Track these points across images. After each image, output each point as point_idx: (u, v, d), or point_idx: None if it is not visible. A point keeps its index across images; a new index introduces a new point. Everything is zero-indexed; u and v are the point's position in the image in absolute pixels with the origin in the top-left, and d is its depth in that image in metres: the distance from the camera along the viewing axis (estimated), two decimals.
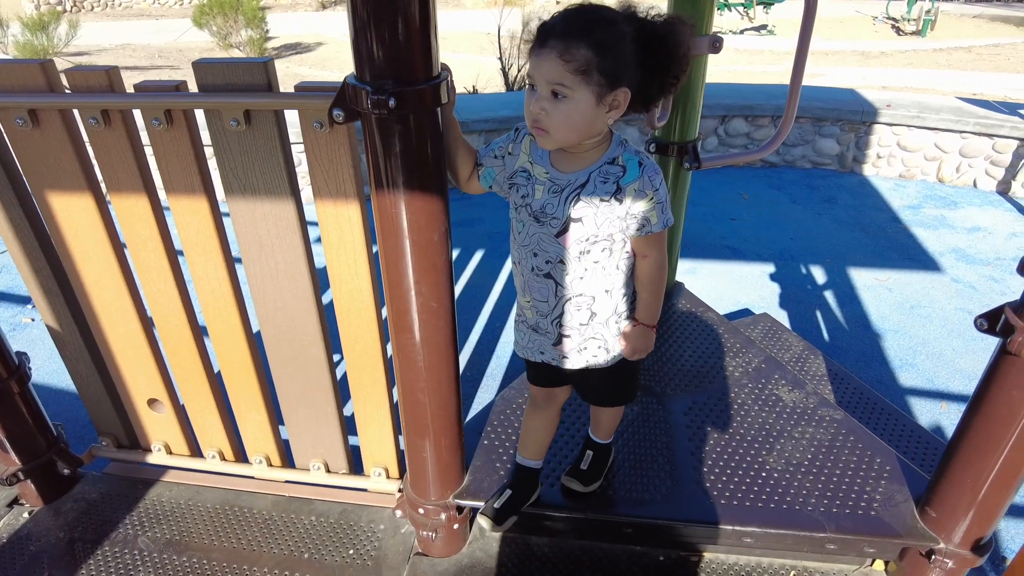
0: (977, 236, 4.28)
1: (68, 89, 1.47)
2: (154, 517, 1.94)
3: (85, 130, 1.51)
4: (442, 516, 1.72)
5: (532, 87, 1.21)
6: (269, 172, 1.48)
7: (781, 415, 2.00)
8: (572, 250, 1.32)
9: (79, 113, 1.49)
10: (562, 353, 1.46)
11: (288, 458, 2.02)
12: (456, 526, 1.76)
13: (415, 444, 1.63)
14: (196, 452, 2.07)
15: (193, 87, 1.44)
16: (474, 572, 1.76)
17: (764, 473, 1.80)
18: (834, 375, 2.63)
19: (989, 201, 4.76)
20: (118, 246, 1.69)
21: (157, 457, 2.05)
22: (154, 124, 1.44)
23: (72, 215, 1.63)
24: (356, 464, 1.97)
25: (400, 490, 1.88)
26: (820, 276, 3.83)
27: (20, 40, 8.65)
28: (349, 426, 1.89)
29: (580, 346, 1.44)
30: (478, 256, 4.08)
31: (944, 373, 3.00)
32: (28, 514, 1.96)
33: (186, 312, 1.76)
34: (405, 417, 1.60)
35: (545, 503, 1.74)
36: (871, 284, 3.74)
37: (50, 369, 2.97)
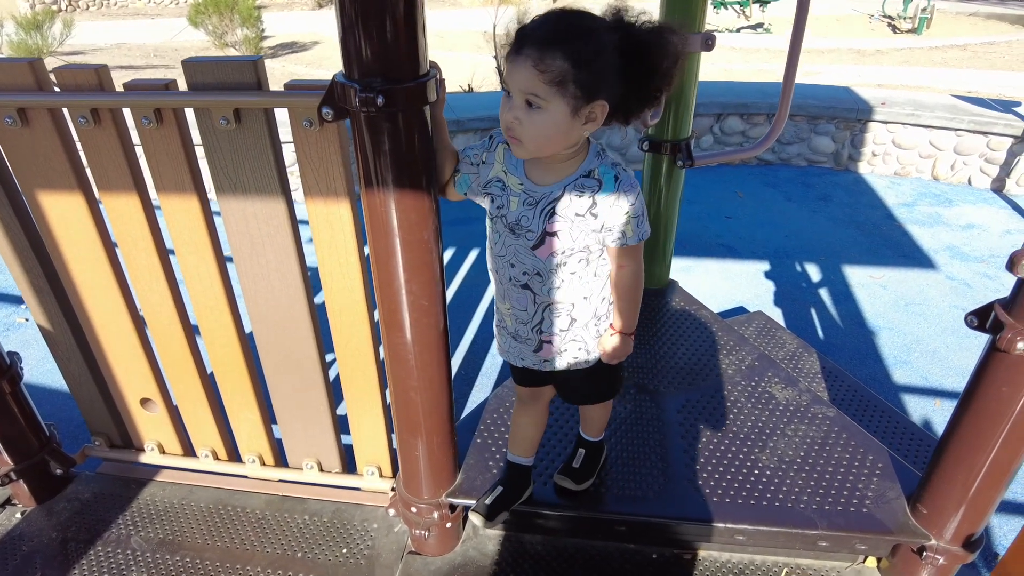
0: (971, 233, 4.29)
1: (57, 88, 1.47)
2: (147, 517, 1.94)
3: (75, 129, 1.50)
4: (435, 515, 1.72)
5: (508, 93, 1.18)
6: (259, 171, 1.48)
7: (774, 413, 2.00)
8: (548, 262, 1.30)
9: (68, 112, 1.49)
10: (543, 358, 1.46)
11: (281, 457, 2.02)
12: (449, 524, 1.76)
13: (407, 443, 1.63)
14: (189, 451, 2.06)
15: (184, 86, 1.44)
16: (467, 570, 1.76)
17: (757, 471, 1.80)
18: (828, 373, 2.64)
19: (983, 199, 4.77)
20: (109, 245, 1.69)
21: (150, 457, 2.05)
22: (144, 123, 1.44)
23: (63, 214, 1.62)
24: (349, 463, 1.97)
25: (393, 489, 1.88)
26: (815, 274, 3.84)
27: (14, 39, 8.62)
28: (342, 425, 1.89)
29: (560, 349, 1.43)
30: (472, 255, 4.08)
31: (938, 370, 3.01)
32: (21, 514, 1.95)
33: (178, 311, 1.76)
34: (397, 416, 1.60)
35: (538, 501, 1.74)
36: (866, 282, 3.75)
37: (43, 369, 2.96)
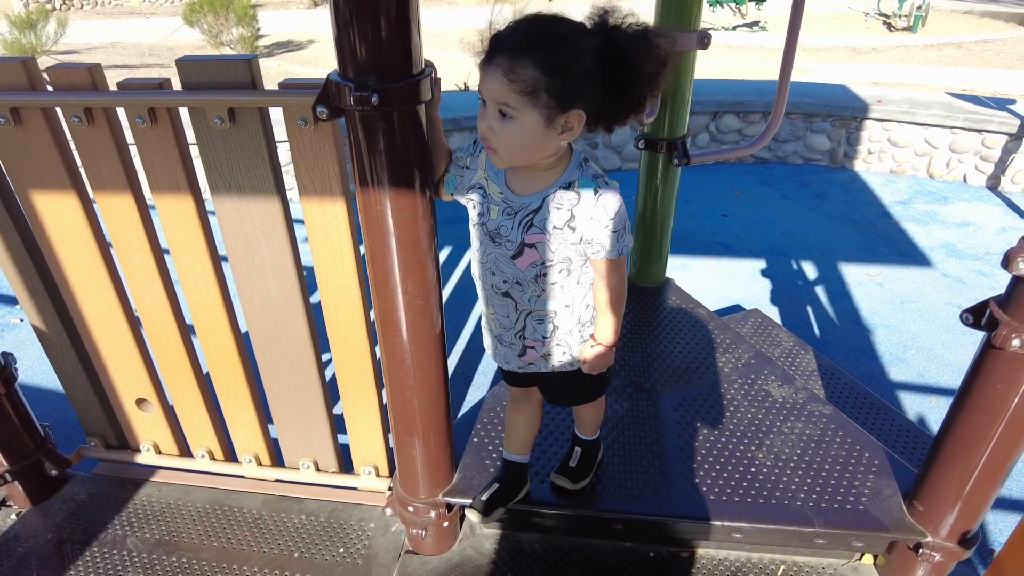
0: (967, 231, 4.30)
1: (50, 87, 1.46)
2: (143, 517, 1.93)
3: (68, 129, 1.50)
4: (432, 514, 1.72)
5: (484, 102, 1.15)
6: (254, 170, 1.47)
7: (771, 411, 2.01)
8: (528, 272, 1.29)
9: (62, 111, 1.48)
10: (528, 362, 1.45)
11: (278, 457, 2.01)
12: (446, 524, 1.76)
13: (404, 442, 1.62)
14: (185, 452, 2.06)
15: (178, 85, 1.43)
16: (464, 570, 1.76)
17: (753, 468, 1.80)
18: (824, 370, 2.64)
19: (979, 196, 4.78)
20: (104, 245, 1.68)
21: (146, 457, 2.04)
22: (138, 122, 1.43)
23: (57, 214, 1.61)
24: (346, 463, 1.97)
25: (390, 488, 1.88)
26: (811, 272, 3.84)
27: (7, 38, 8.58)
28: (338, 425, 1.89)
29: (544, 354, 1.43)
30: (469, 254, 4.07)
31: (934, 368, 3.01)
32: (16, 516, 1.94)
33: (173, 311, 1.75)
34: (394, 415, 1.59)
35: (535, 500, 1.74)
36: (862, 279, 3.75)
37: (38, 370, 2.95)
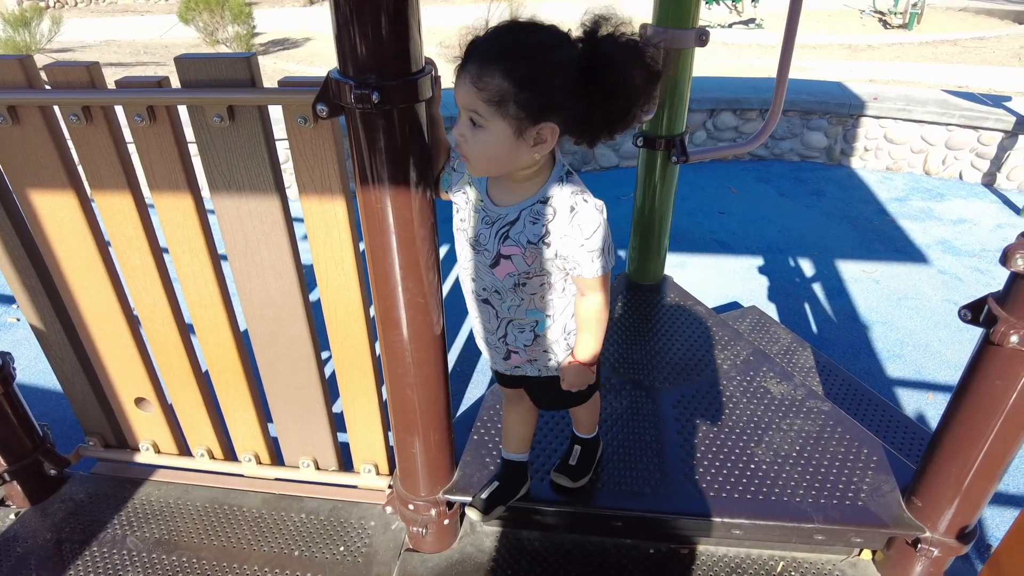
0: (963, 228, 4.32)
1: (48, 85, 1.46)
2: (143, 517, 1.93)
3: (66, 127, 1.49)
4: (432, 512, 1.72)
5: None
6: (254, 168, 1.47)
7: (769, 407, 2.01)
8: (506, 282, 1.27)
9: (60, 110, 1.47)
10: (513, 365, 1.44)
11: (277, 456, 2.01)
12: (446, 522, 1.76)
13: (404, 440, 1.63)
14: (184, 451, 2.06)
15: (176, 83, 1.43)
16: (465, 567, 1.76)
17: (753, 465, 1.81)
18: (822, 367, 2.65)
19: (975, 193, 4.80)
20: (102, 244, 1.68)
21: (145, 456, 2.04)
22: (136, 121, 1.43)
23: (55, 213, 1.61)
24: (346, 461, 1.97)
25: (390, 486, 1.88)
26: (808, 269, 3.85)
27: (2, 36, 8.54)
28: (338, 423, 1.89)
29: (530, 359, 1.41)
30: None
31: (931, 364, 3.03)
32: (15, 515, 1.94)
33: (172, 310, 1.75)
34: (394, 413, 1.59)
35: (535, 498, 1.74)
36: (859, 276, 3.76)
37: (36, 369, 2.94)
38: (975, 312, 1.37)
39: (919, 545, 1.59)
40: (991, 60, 8.30)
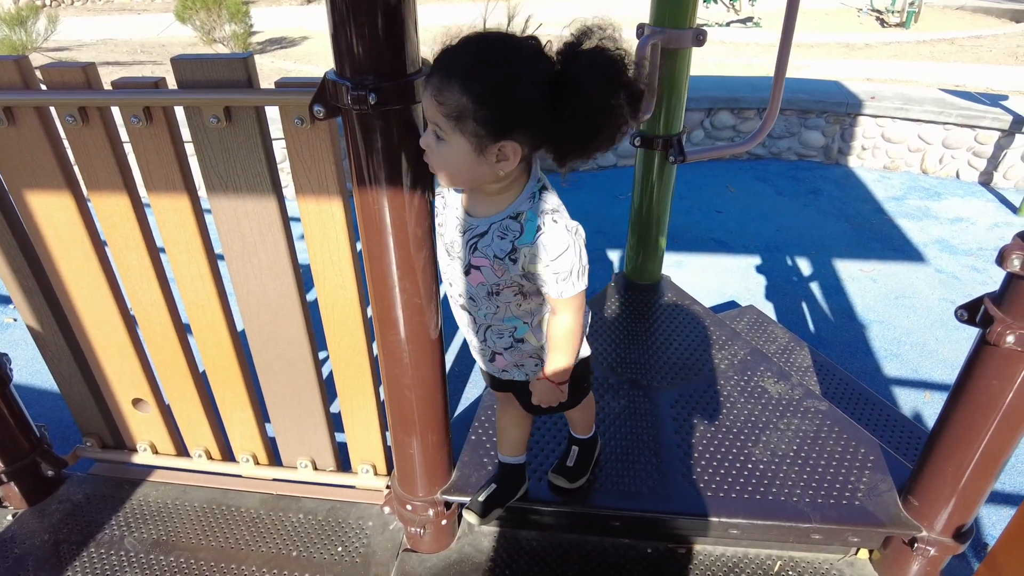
0: (960, 227, 4.33)
1: (44, 86, 1.45)
2: (140, 517, 1.93)
3: (62, 128, 1.49)
4: (430, 512, 1.72)
5: None
6: (251, 169, 1.47)
7: (767, 407, 2.01)
8: (480, 290, 1.26)
9: (56, 110, 1.47)
10: (499, 367, 1.43)
11: (275, 456, 2.01)
12: (444, 522, 1.76)
13: (402, 440, 1.63)
14: (182, 451, 2.05)
15: (173, 84, 1.42)
16: (463, 567, 1.76)
17: (750, 465, 1.81)
18: (819, 366, 2.66)
19: (972, 192, 4.81)
20: (99, 245, 1.67)
21: (143, 457, 2.04)
22: (133, 121, 1.43)
23: (51, 214, 1.60)
24: (344, 461, 1.97)
25: (388, 487, 1.88)
26: (805, 268, 3.86)
27: None
28: (336, 423, 1.88)
29: (516, 363, 1.40)
30: None
31: (928, 363, 3.03)
32: (12, 516, 1.94)
33: (169, 311, 1.75)
34: (391, 413, 1.59)
35: (533, 498, 1.74)
36: (856, 275, 3.77)
37: (33, 370, 2.94)
38: (971, 312, 1.37)
39: (916, 544, 1.60)
40: (988, 59, 8.31)
